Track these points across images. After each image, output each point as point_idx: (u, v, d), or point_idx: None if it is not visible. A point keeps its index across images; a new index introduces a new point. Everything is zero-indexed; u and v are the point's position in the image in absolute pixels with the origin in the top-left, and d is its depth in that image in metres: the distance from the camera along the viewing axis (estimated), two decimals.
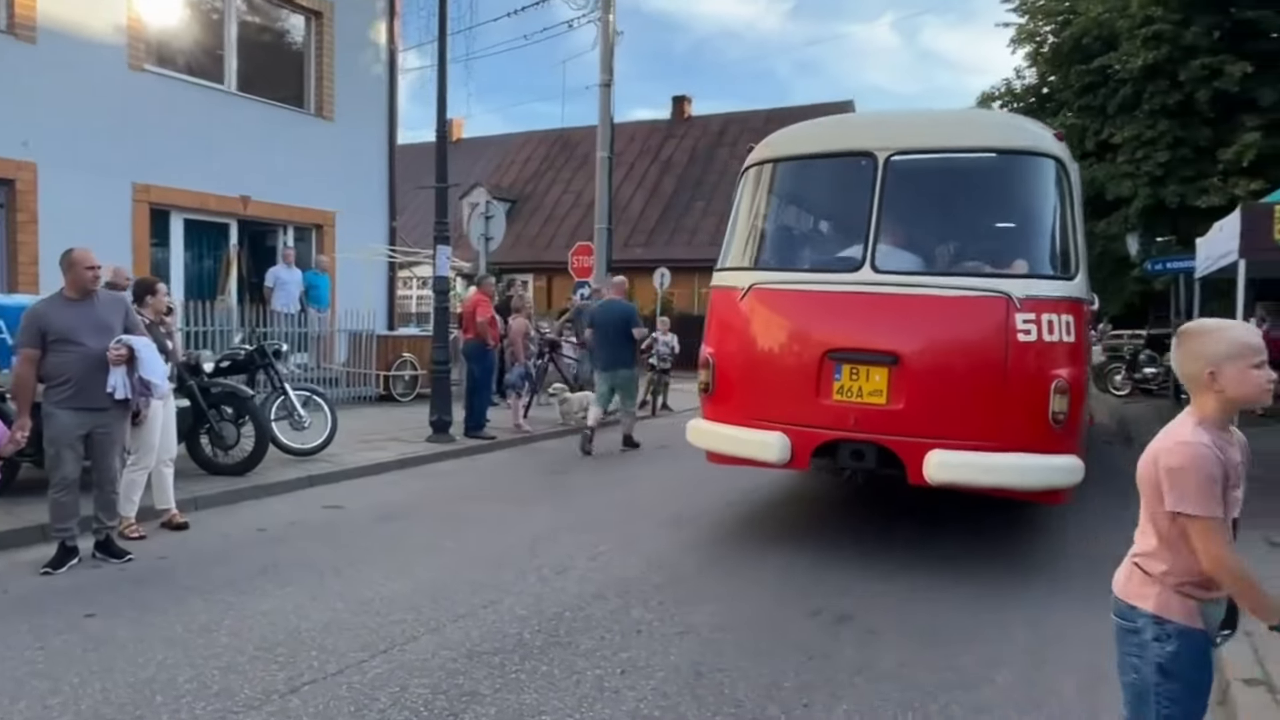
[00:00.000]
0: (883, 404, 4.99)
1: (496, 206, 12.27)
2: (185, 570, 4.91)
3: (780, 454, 5.18)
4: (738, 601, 4.52)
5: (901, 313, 5.04)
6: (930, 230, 5.76)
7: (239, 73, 12.30)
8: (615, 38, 17.55)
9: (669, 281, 22.05)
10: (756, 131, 28.44)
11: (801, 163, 6.01)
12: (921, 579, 4.93)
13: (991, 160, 5.47)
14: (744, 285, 5.55)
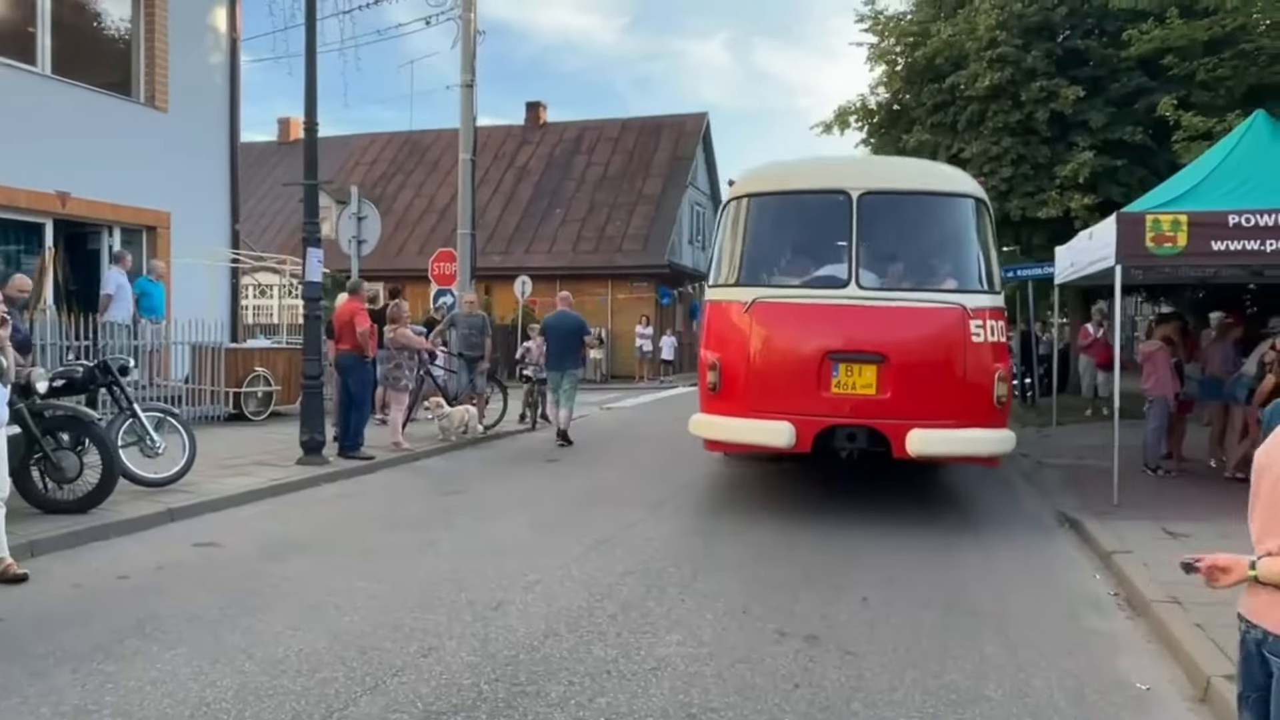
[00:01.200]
0: (873, 394, 6.10)
1: (369, 206, 11.42)
2: (34, 634, 4.04)
3: (788, 440, 6.10)
4: (698, 628, 4.20)
5: (884, 320, 6.22)
6: (895, 253, 6.86)
7: (53, 52, 10.83)
8: (477, 37, 16.92)
9: (530, 289, 21.53)
10: (612, 140, 28.54)
11: (783, 197, 7.14)
12: (870, 592, 4.80)
13: (936, 199, 6.89)
14: (747, 299, 6.45)
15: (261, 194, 28.73)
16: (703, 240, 29.23)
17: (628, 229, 25.68)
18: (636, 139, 28.39)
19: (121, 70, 11.94)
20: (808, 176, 7.18)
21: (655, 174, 27.07)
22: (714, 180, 31.62)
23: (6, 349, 4.96)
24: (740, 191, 7.05)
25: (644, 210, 26.08)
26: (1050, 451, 9.70)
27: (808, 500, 7.38)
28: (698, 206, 29.25)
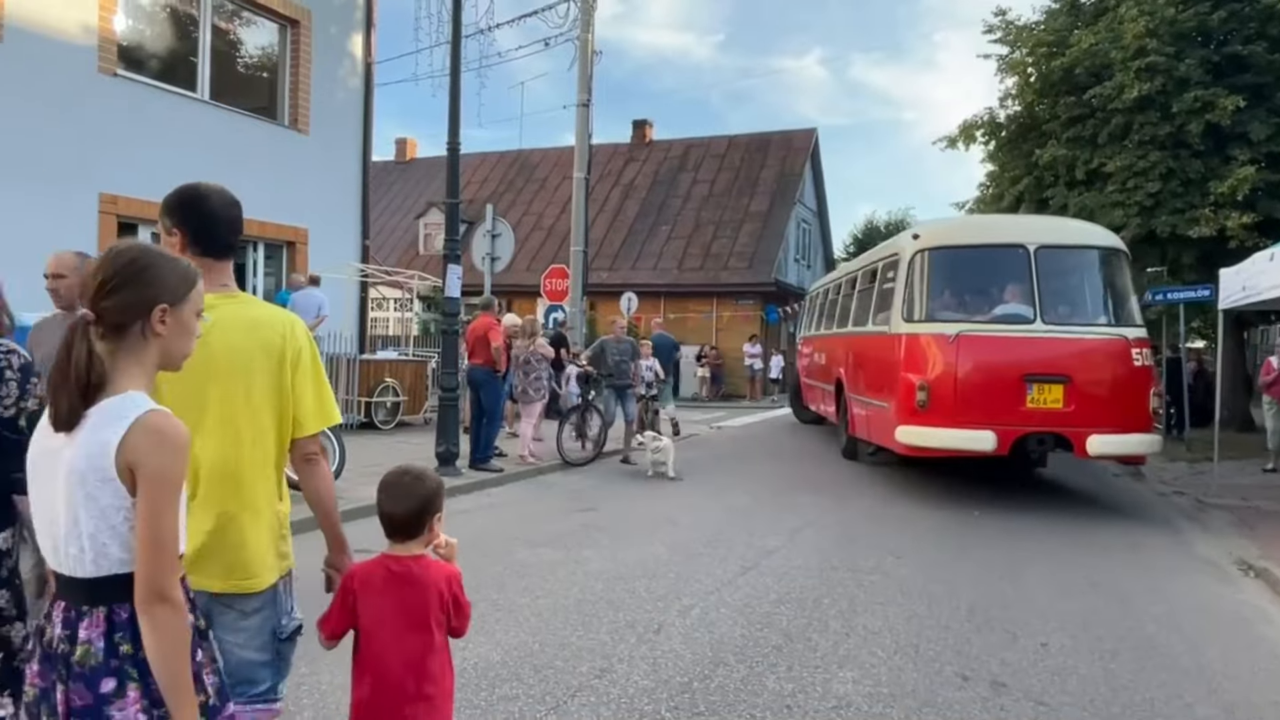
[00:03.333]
0: (1060, 408, 7.69)
1: (503, 224, 11.70)
2: None
3: (992, 445, 7.59)
4: (872, 666, 4.09)
5: (1067, 349, 7.85)
6: (1066, 295, 8.41)
7: (212, 80, 11.53)
8: (594, 58, 17.22)
9: (636, 306, 21.67)
10: (719, 156, 28.56)
11: (967, 250, 8.73)
12: (1048, 637, 4.58)
13: (1096, 251, 8.57)
14: (950, 333, 7.89)
15: (378, 211, 29.87)
16: (808, 259, 28.90)
17: (734, 246, 25.60)
18: (743, 156, 28.33)
19: (268, 95, 12.61)
20: (987, 233, 9.07)
21: (762, 191, 26.92)
22: (822, 197, 31.24)
23: None
24: (927, 245, 8.53)
25: (750, 228, 25.96)
26: (1209, 490, 9.11)
27: (951, 534, 7.13)
28: (804, 224, 28.93)
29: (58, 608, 1.58)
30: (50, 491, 1.57)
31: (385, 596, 2.13)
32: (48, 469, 1.58)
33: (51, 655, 1.55)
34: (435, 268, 22.91)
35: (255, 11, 12.15)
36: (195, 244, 2.11)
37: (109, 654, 1.52)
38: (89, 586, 1.54)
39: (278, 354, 2.13)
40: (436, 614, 2.14)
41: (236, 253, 2.27)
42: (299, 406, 2.16)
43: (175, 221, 2.13)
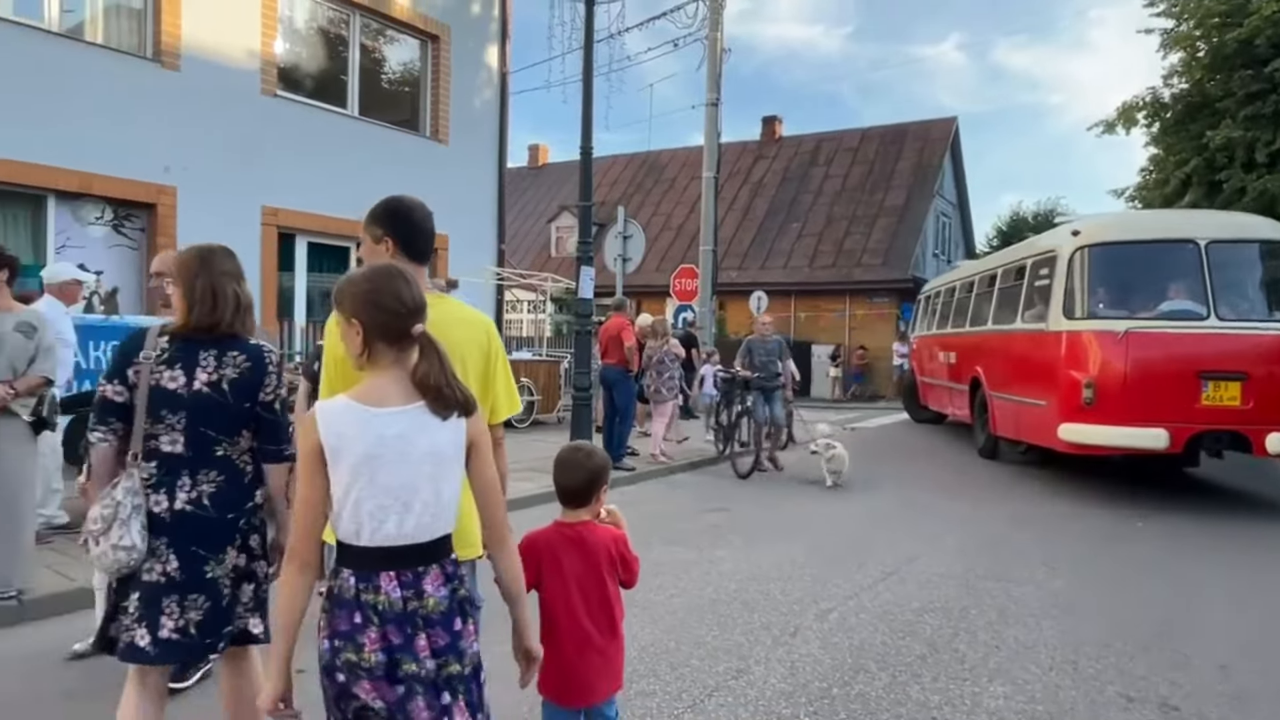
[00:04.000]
0: (1237, 405, 7.53)
1: (634, 225, 11.85)
2: None
3: (1164, 443, 7.46)
4: (1025, 681, 3.88)
5: (1244, 345, 7.68)
6: (1238, 290, 8.15)
7: (360, 97, 12.21)
8: (723, 56, 17.15)
9: (766, 304, 21.43)
10: (851, 150, 27.87)
11: (1132, 245, 8.52)
12: (1227, 659, 4.21)
13: (1267, 245, 8.32)
14: (1119, 329, 7.79)
15: (512, 216, 30.83)
16: (948, 254, 27.78)
17: (868, 242, 24.93)
18: (878, 148, 27.54)
19: (410, 108, 13.23)
20: (1153, 228, 8.80)
21: (898, 184, 26.09)
22: (962, 189, 29.97)
23: None
24: (1089, 241, 8.41)
25: (885, 223, 25.21)
26: None
27: (1109, 542, 6.69)
28: (944, 217, 27.83)
29: (385, 577, 1.81)
30: (408, 471, 1.82)
31: (562, 558, 2.44)
32: (400, 452, 1.82)
33: (400, 615, 1.80)
34: (566, 270, 23.46)
35: (398, 29, 12.77)
36: (403, 251, 2.34)
37: (450, 599, 1.86)
38: (427, 549, 1.85)
39: (483, 350, 2.38)
40: (607, 570, 2.45)
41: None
42: (495, 397, 2.41)
43: (385, 230, 2.36)
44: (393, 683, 1.79)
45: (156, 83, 9.51)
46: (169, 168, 9.57)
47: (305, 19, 11.60)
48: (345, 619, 1.80)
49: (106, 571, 2.49)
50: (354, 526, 1.81)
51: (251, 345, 2.61)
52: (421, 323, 1.91)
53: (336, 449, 1.81)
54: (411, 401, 1.86)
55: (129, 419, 2.52)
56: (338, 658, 1.80)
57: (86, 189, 9.02)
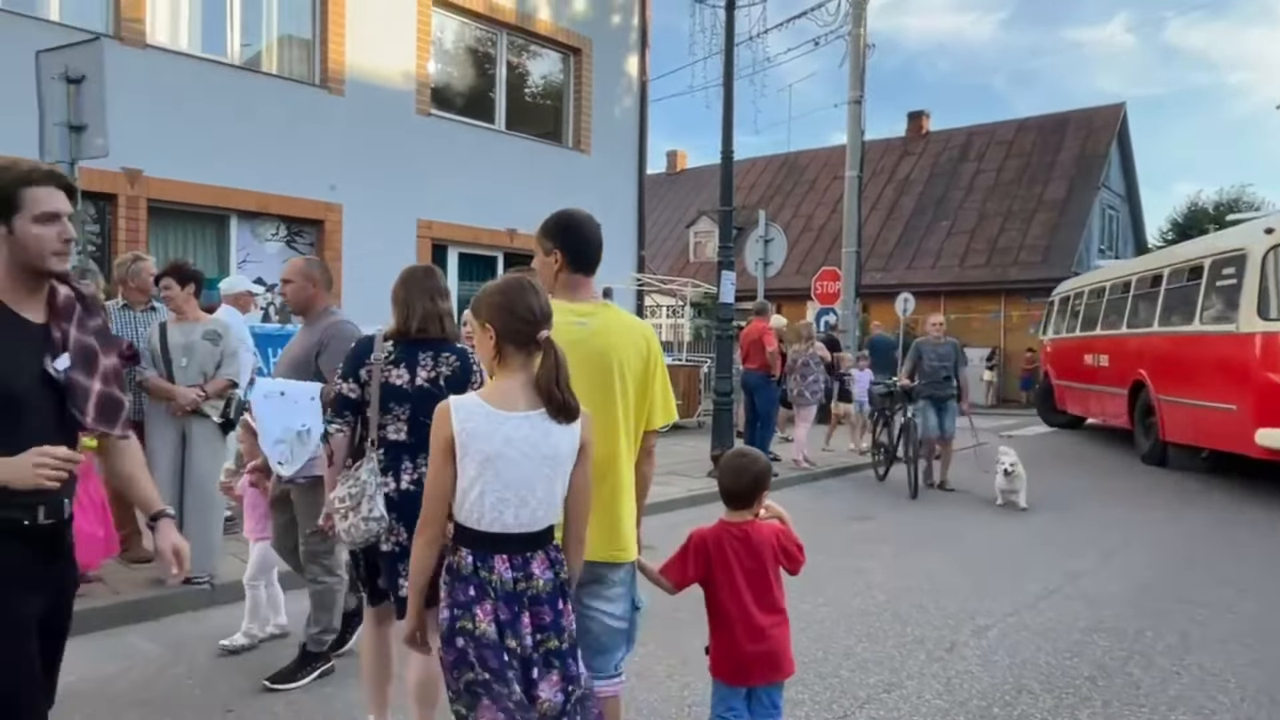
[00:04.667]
0: None
1: (775, 229, 11.75)
2: None
3: None
4: (1212, 712, 3.55)
5: None
6: None
7: (507, 111, 12.66)
8: (866, 51, 16.71)
9: (913, 306, 20.67)
10: (1005, 143, 26.52)
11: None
12: None
13: None
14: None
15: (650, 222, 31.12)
16: (1115, 249, 25.94)
17: (1024, 239, 23.61)
18: (1035, 140, 26.04)
19: (554, 120, 13.61)
20: None
21: (1058, 177, 24.57)
22: (1131, 179, 27.92)
23: None
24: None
25: (1044, 218, 23.79)
26: None
27: None
28: (1111, 210, 25.99)
29: (499, 559, 2.03)
30: (529, 469, 2.03)
31: (729, 553, 2.66)
32: (523, 454, 2.02)
33: (510, 594, 2.02)
34: (704, 274, 23.48)
35: (542, 44, 13.18)
36: (572, 263, 2.46)
37: (555, 581, 2.08)
38: (535, 537, 2.06)
39: (643, 356, 2.46)
40: (772, 562, 2.69)
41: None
42: (652, 404, 2.49)
43: (555, 243, 2.47)
44: (498, 654, 1.98)
45: (323, 107, 10.23)
46: (335, 186, 10.26)
47: (455, 39, 12.16)
48: (463, 590, 2.02)
49: (355, 543, 2.90)
50: (476, 513, 2.02)
51: (459, 348, 3.05)
52: (547, 330, 2.08)
53: (466, 445, 2.01)
54: (535, 407, 2.04)
55: (359, 412, 2.96)
56: (456, 624, 2.00)
57: (264, 208, 9.80)
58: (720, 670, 2.68)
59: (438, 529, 2.08)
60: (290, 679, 3.67)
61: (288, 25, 10.23)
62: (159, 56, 8.88)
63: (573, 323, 2.33)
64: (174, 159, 8.83)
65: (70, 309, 1.99)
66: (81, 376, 1.96)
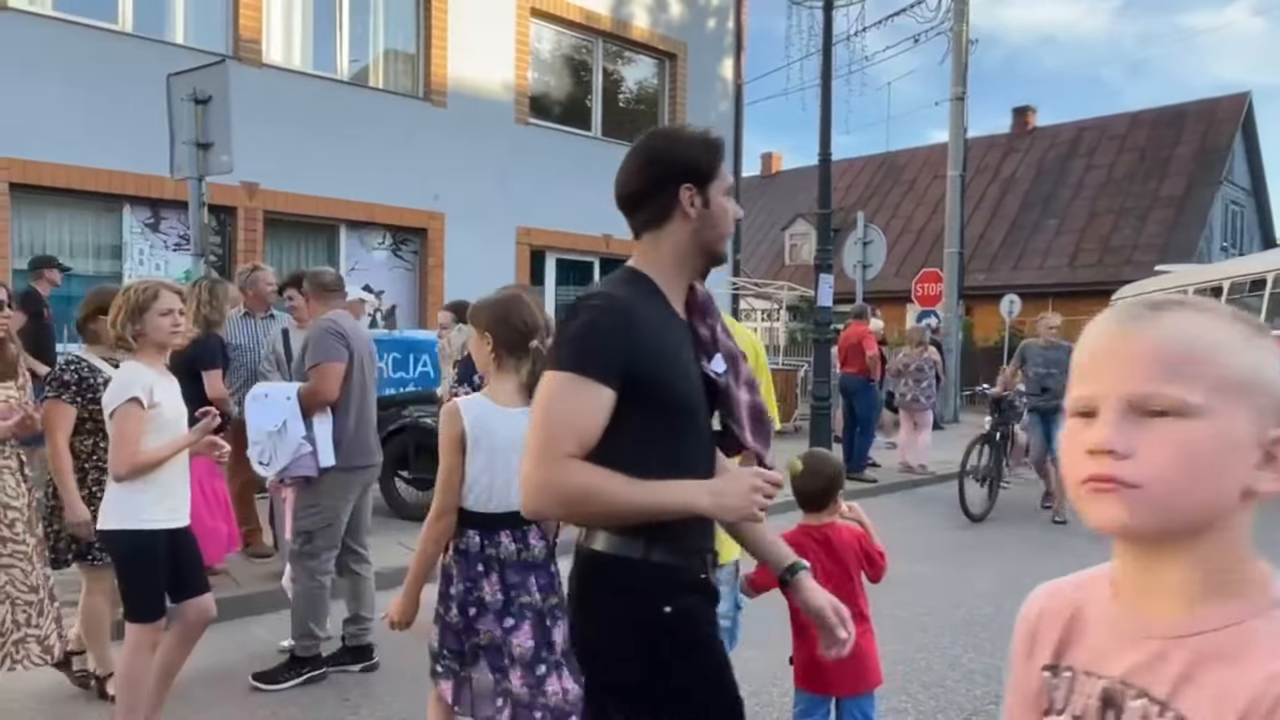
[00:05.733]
0: None
1: (874, 230, 11.55)
2: None
3: None
4: None
5: None
6: None
7: (603, 118, 12.82)
8: (968, 47, 16.22)
9: (1019, 309, 19.91)
10: (1118, 138, 25.30)
11: None
12: None
13: None
14: None
15: (745, 225, 30.92)
16: (1240, 246, 24.40)
17: (1139, 237, 22.43)
18: (1149, 134, 24.73)
19: (649, 126, 13.64)
20: None
21: (1176, 172, 23.26)
22: (1258, 172, 26.19)
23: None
24: None
25: (1160, 215, 22.57)
26: None
27: None
28: (1235, 205, 24.46)
29: (504, 534, 2.36)
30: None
31: (810, 557, 2.43)
32: (509, 432, 2.29)
33: (516, 562, 2.36)
34: (800, 277, 23.19)
35: (638, 51, 13.29)
36: None
37: (546, 549, 2.42)
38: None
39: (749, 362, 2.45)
40: (854, 567, 2.65)
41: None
42: None
43: None
44: (505, 617, 2.31)
45: (427, 119, 10.58)
46: (438, 196, 10.59)
47: (552, 48, 12.38)
48: (471, 567, 2.33)
49: None
50: (485, 498, 2.33)
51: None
52: (538, 339, 2.39)
53: (477, 438, 2.31)
54: (526, 403, 2.30)
55: None
56: (469, 595, 2.32)
57: (370, 218, 10.20)
58: (803, 679, 2.64)
59: (453, 517, 2.35)
60: (275, 680, 3.67)
61: (393, 40, 10.64)
62: (274, 75, 9.37)
63: None
64: (288, 172, 9.29)
65: (708, 305, 1.75)
66: (732, 383, 1.71)
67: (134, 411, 2.77)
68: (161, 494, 2.88)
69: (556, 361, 1.51)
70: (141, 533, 2.83)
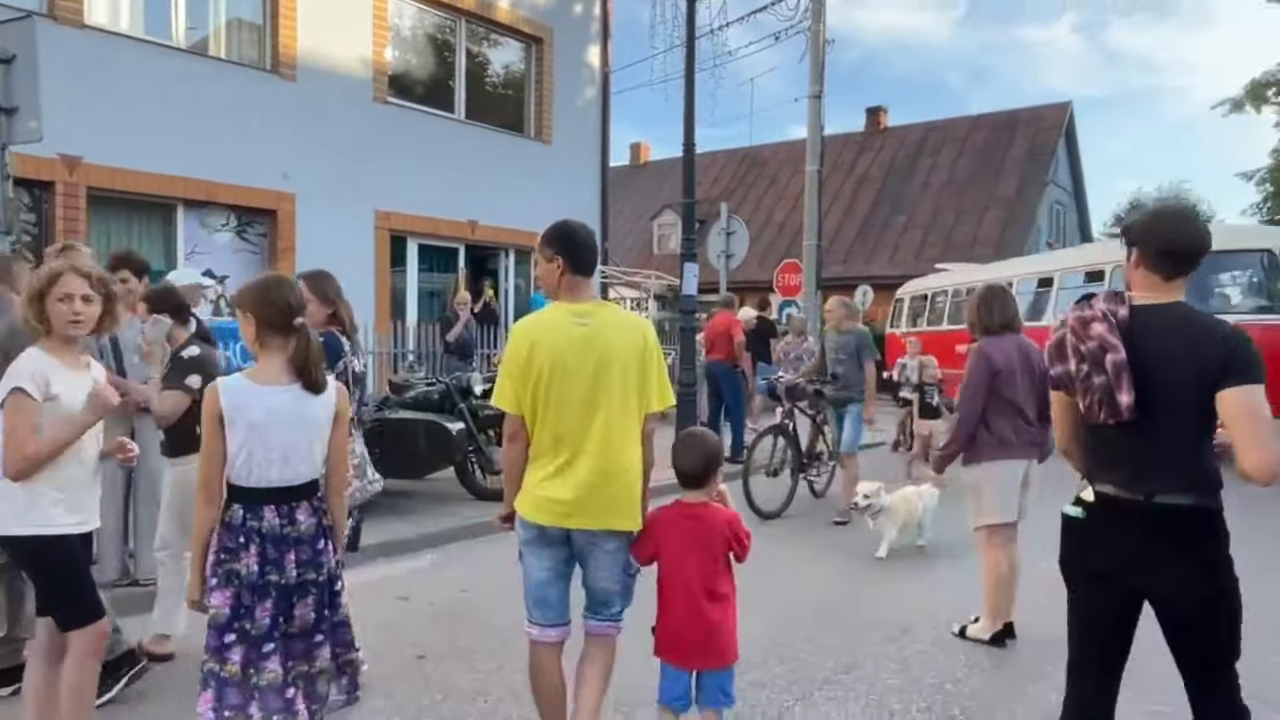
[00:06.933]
0: None
1: (737, 221, 11.80)
2: (495, 606, 4.57)
3: None
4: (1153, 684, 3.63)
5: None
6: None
7: (467, 101, 12.52)
8: (825, 47, 16.82)
9: (871, 299, 20.95)
10: (959, 140, 26.92)
11: (1229, 255, 9.12)
12: None
13: None
14: None
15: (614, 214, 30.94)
16: (1063, 242, 26.51)
17: (978, 233, 24.00)
18: (987, 137, 26.48)
19: (515, 110, 13.48)
20: (1233, 240, 9.14)
21: (1009, 172, 25.02)
22: (1078, 176, 28.54)
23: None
24: None
25: (996, 213, 24.22)
26: None
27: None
28: (1058, 206, 26.54)
29: (268, 510, 2.41)
30: (290, 433, 2.42)
31: (681, 534, 2.71)
32: (283, 419, 2.41)
33: (277, 537, 2.41)
34: (668, 267, 23.47)
35: (502, 33, 13.04)
36: (572, 267, 2.74)
37: (317, 525, 2.49)
38: (299, 489, 2.46)
39: (640, 350, 2.72)
40: (722, 546, 2.72)
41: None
42: (650, 391, 2.74)
43: (556, 251, 2.75)
44: (253, 593, 2.36)
45: (275, 93, 10.01)
46: (288, 175, 10.04)
47: (413, 26, 11.98)
48: (232, 539, 2.39)
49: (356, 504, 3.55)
50: (245, 472, 2.39)
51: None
52: (302, 319, 2.47)
53: (233, 417, 2.37)
54: (292, 381, 2.44)
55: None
56: (222, 567, 2.37)
57: (212, 197, 9.56)
58: (663, 650, 2.73)
59: (214, 487, 2.40)
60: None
61: (236, 8, 9.99)
62: (98, 38, 8.60)
63: (574, 322, 2.65)
64: (116, 146, 8.57)
65: None
66: None
67: (21, 404, 2.55)
68: (65, 497, 2.64)
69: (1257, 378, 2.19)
70: (48, 538, 2.62)
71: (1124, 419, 2.20)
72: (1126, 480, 2.28)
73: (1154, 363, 2.20)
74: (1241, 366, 2.16)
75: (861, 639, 4.16)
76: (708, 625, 2.66)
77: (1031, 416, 4.06)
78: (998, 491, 4.09)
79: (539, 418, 2.64)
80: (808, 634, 4.22)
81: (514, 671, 3.73)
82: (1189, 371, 2.20)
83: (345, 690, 2.58)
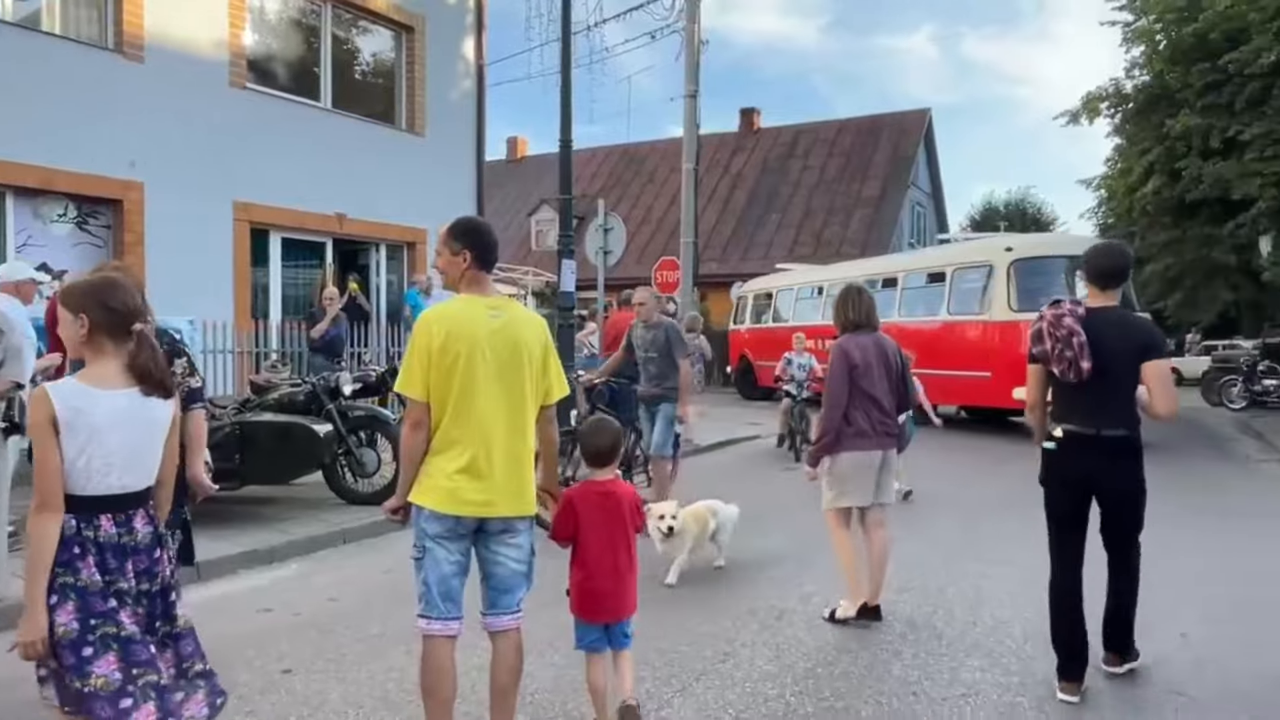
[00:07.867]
0: None
1: (615, 218, 11.82)
2: (364, 615, 4.43)
3: None
4: (1001, 655, 3.90)
5: None
6: None
7: (333, 89, 12.04)
8: (700, 47, 17.13)
9: None
10: (828, 142, 27.95)
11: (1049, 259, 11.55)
12: (1191, 625, 4.24)
13: None
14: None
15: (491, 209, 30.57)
16: (923, 242, 27.98)
17: (846, 233, 25.02)
18: (854, 140, 27.63)
19: (385, 101, 13.07)
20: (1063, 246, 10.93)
21: (874, 175, 26.20)
22: (936, 179, 30.17)
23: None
24: (1018, 256, 11.59)
25: (862, 213, 25.31)
26: None
27: None
28: (919, 207, 28.00)
29: (104, 518, 2.27)
30: (132, 438, 2.30)
31: (595, 508, 3.06)
32: (123, 424, 2.28)
33: (115, 546, 2.28)
34: (546, 264, 23.33)
35: (372, 20, 12.61)
36: (478, 261, 2.83)
37: (153, 534, 2.38)
38: (137, 496, 2.35)
39: (542, 344, 2.90)
40: (629, 518, 3.10)
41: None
42: (550, 381, 2.92)
43: (464, 245, 2.83)
44: (105, 599, 2.24)
45: (119, 75, 9.32)
46: (134, 162, 9.37)
47: (275, 9, 11.42)
48: (65, 551, 2.22)
49: None
50: (84, 480, 2.24)
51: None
52: (141, 322, 2.36)
53: (70, 421, 2.20)
54: (130, 385, 2.31)
55: None
56: (58, 580, 2.21)
57: (48, 185, 8.81)
58: (578, 608, 3.07)
59: (58, 501, 2.21)
60: None
61: None
62: None
63: (489, 314, 2.76)
64: None
65: None
66: None
67: None
68: None
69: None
70: None
71: (1085, 379, 3.25)
72: (1084, 420, 3.37)
73: (1102, 343, 3.25)
74: (1158, 347, 3.38)
75: (740, 627, 4.26)
76: (621, 586, 3.05)
77: (888, 407, 4.29)
78: (847, 479, 4.33)
79: (450, 407, 2.69)
80: (686, 626, 4.28)
81: (387, 680, 3.64)
82: (1125, 349, 3.31)
83: (207, 703, 2.43)
